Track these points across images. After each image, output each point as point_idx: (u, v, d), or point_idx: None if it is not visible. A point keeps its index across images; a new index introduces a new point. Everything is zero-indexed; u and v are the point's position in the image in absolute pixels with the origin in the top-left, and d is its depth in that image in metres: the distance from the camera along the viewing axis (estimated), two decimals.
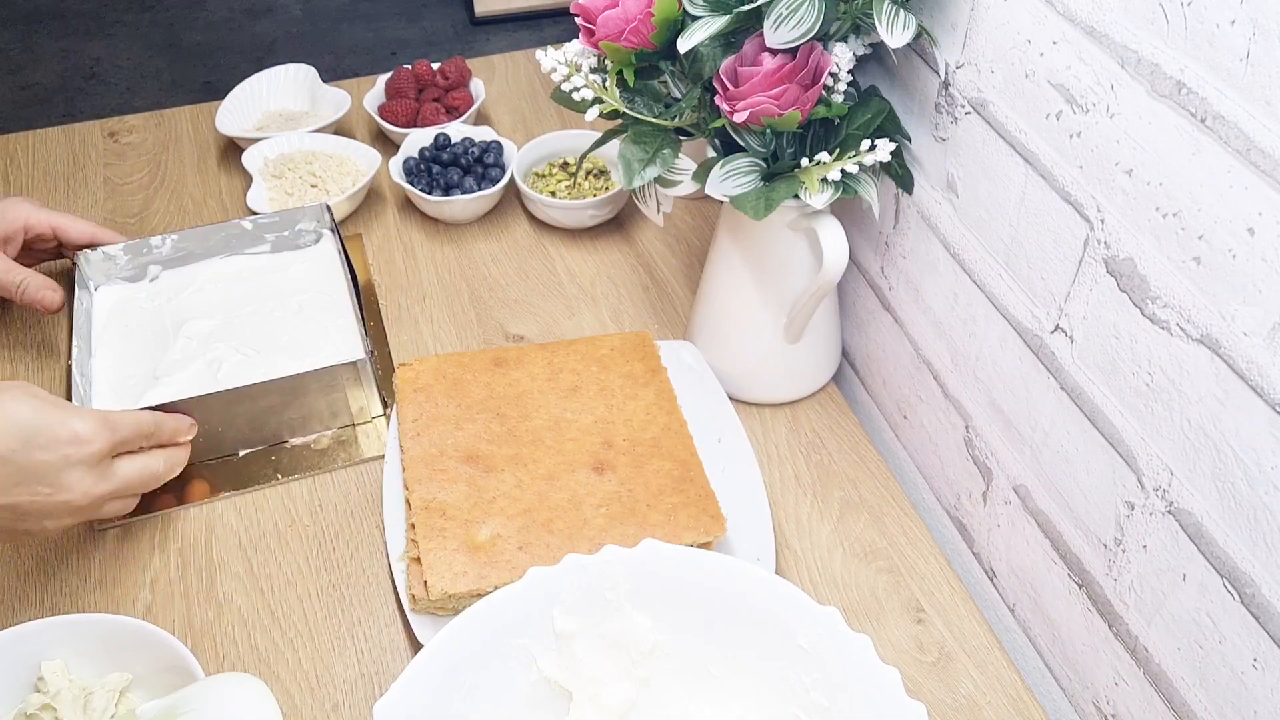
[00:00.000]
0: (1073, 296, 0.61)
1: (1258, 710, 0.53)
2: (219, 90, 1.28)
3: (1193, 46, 0.49)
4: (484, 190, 1.01)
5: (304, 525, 0.79)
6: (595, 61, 0.74)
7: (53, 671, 0.63)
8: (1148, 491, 0.58)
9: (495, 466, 0.74)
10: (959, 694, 0.70)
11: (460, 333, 0.94)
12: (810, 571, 0.76)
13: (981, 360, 0.72)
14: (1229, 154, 0.48)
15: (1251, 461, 0.50)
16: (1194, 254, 0.51)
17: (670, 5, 0.67)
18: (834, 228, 0.73)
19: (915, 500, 0.84)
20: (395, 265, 1.00)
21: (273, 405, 0.81)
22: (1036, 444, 0.68)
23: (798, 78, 0.66)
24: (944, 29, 0.68)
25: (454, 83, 1.14)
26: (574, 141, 1.06)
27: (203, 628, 0.72)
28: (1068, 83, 0.57)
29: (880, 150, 0.67)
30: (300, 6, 1.38)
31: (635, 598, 0.60)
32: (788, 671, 0.59)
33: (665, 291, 0.97)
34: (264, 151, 1.06)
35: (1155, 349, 0.55)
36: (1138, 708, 0.63)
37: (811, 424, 0.86)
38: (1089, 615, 0.66)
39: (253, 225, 0.94)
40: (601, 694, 0.62)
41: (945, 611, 0.74)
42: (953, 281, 0.73)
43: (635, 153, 0.72)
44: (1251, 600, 0.52)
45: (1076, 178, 0.58)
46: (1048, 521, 0.68)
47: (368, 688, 0.70)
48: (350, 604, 0.74)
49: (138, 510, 0.78)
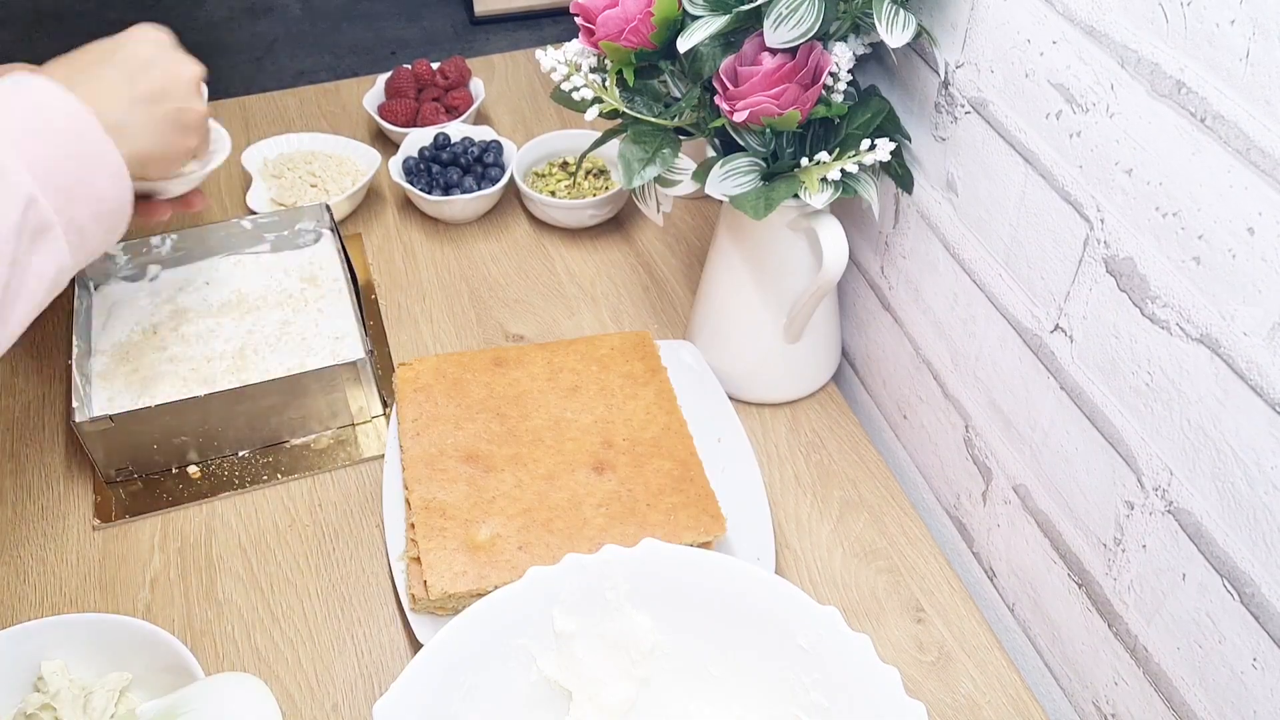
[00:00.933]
0: (1072, 296, 0.61)
1: (1257, 710, 0.53)
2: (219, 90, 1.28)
3: (1192, 46, 0.49)
4: (484, 190, 1.01)
5: (304, 525, 0.79)
6: (595, 61, 0.74)
7: (52, 671, 0.63)
8: (1147, 491, 0.58)
9: (495, 466, 0.74)
10: (959, 694, 0.70)
11: (460, 332, 0.94)
12: (810, 571, 0.76)
13: (981, 360, 0.72)
14: (1229, 154, 0.48)
15: (1251, 461, 0.50)
16: (1194, 254, 0.51)
17: (670, 5, 0.67)
18: (834, 227, 0.73)
19: (915, 500, 0.84)
20: (395, 265, 1.00)
21: (273, 405, 0.81)
22: (1036, 444, 0.68)
23: (797, 77, 0.66)
24: (944, 28, 0.68)
25: (454, 82, 1.14)
26: (574, 141, 1.06)
27: (202, 627, 0.72)
28: (1068, 82, 0.57)
29: (880, 150, 0.67)
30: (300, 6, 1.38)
31: (635, 598, 0.60)
32: (788, 671, 0.59)
33: (665, 291, 0.97)
34: (264, 151, 1.06)
35: (1155, 349, 0.55)
36: (1137, 707, 0.63)
37: (811, 424, 0.86)
38: (1089, 615, 0.66)
39: (252, 225, 0.94)
40: (601, 694, 0.62)
41: (945, 611, 0.74)
42: (952, 281, 0.73)
43: (635, 152, 0.72)
44: (1251, 600, 0.52)
45: (1076, 177, 0.58)
46: (1047, 521, 0.68)
47: (368, 688, 0.70)
48: (350, 604, 0.74)
49: (138, 511, 0.79)
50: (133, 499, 0.80)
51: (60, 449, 0.84)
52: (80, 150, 0.62)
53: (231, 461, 0.82)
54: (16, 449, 0.84)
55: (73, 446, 0.83)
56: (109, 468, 0.79)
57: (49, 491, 0.81)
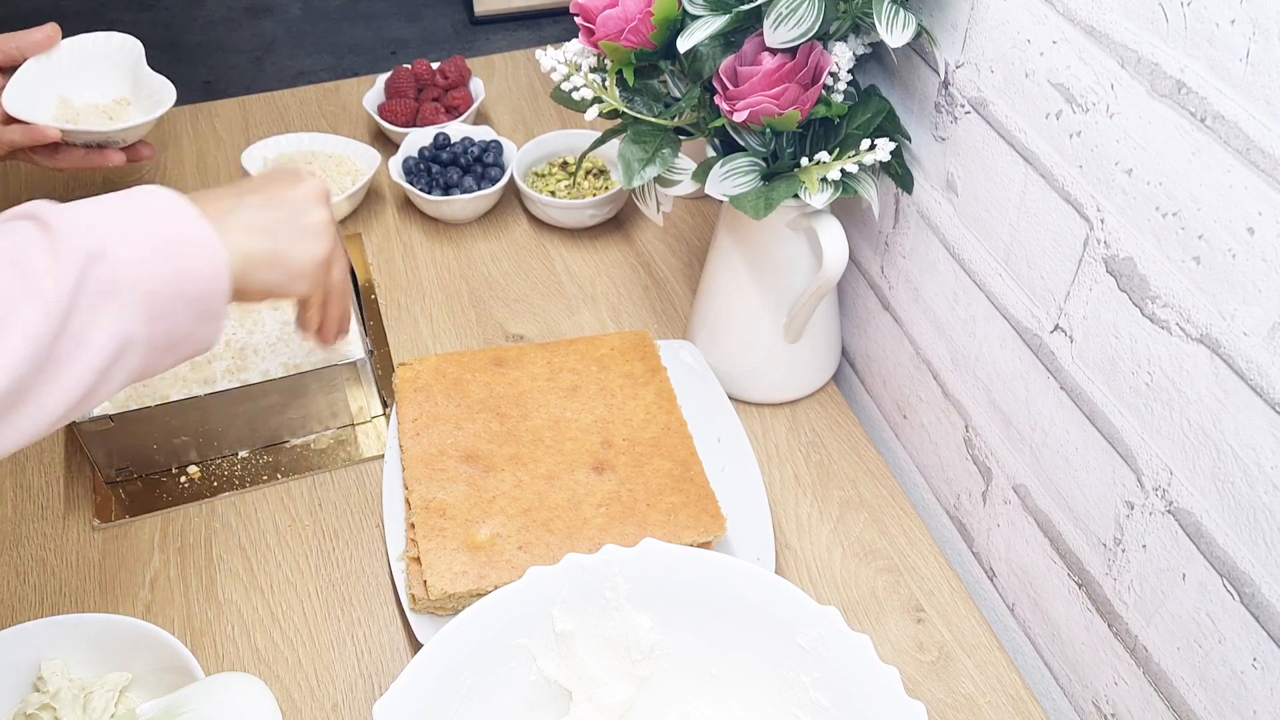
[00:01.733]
0: (1072, 296, 0.61)
1: (1257, 710, 0.53)
2: (219, 90, 1.27)
3: (1193, 46, 0.49)
4: (484, 190, 1.01)
5: (304, 525, 0.79)
6: (595, 61, 0.74)
7: (52, 671, 0.63)
8: (1147, 491, 0.58)
9: (495, 466, 0.74)
10: (959, 694, 0.70)
11: (460, 332, 0.94)
12: (810, 571, 0.76)
13: (981, 360, 0.72)
14: (1229, 153, 0.48)
15: (1251, 461, 0.50)
16: (1194, 253, 0.51)
17: (670, 5, 0.67)
18: (834, 227, 0.73)
19: (915, 500, 0.84)
20: (395, 265, 1.00)
21: (273, 405, 0.81)
22: (1036, 444, 0.68)
23: (797, 77, 0.66)
24: (944, 28, 0.68)
25: (454, 82, 1.14)
26: (574, 141, 1.06)
27: (202, 627, 0.72)
28: (1068, 82, 0.57)
29: (880, 150, 0.67)
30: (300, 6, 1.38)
31: (635, 597, 0.60)
32: (788, 671, 0.59)
33: (665, 291, 0.97)
34: (263, 151, 1.06)
35: (1155, 348, 0.55)
36: (1137, 707, 0.63)
37: (811, 424, 0.86)
38: (1089, 615, 0.66)
39: None
40: (601, 694, 0.62)
41: (945, 611, 0.74)
42: (953, 281, 0.73)
43: (635, 152, 0.72)
44: (1251, 600, 0.52)
45: (1076, 177, 0.58)
46: (1047, 521, 0.68)
47: (368, 688, 0.70)
48: (350, 604, 0.74)
49: (138, 511, 0.78)
50: (133, 499, 0.80)
51: (60, 449, 0.84)
52: (165, 216, 0.55)
53: (231, 461, 0.82)
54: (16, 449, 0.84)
55: (73, 446, 0.83)
56: (109, 468, 0.79)
57: (49, 491, 0.81)
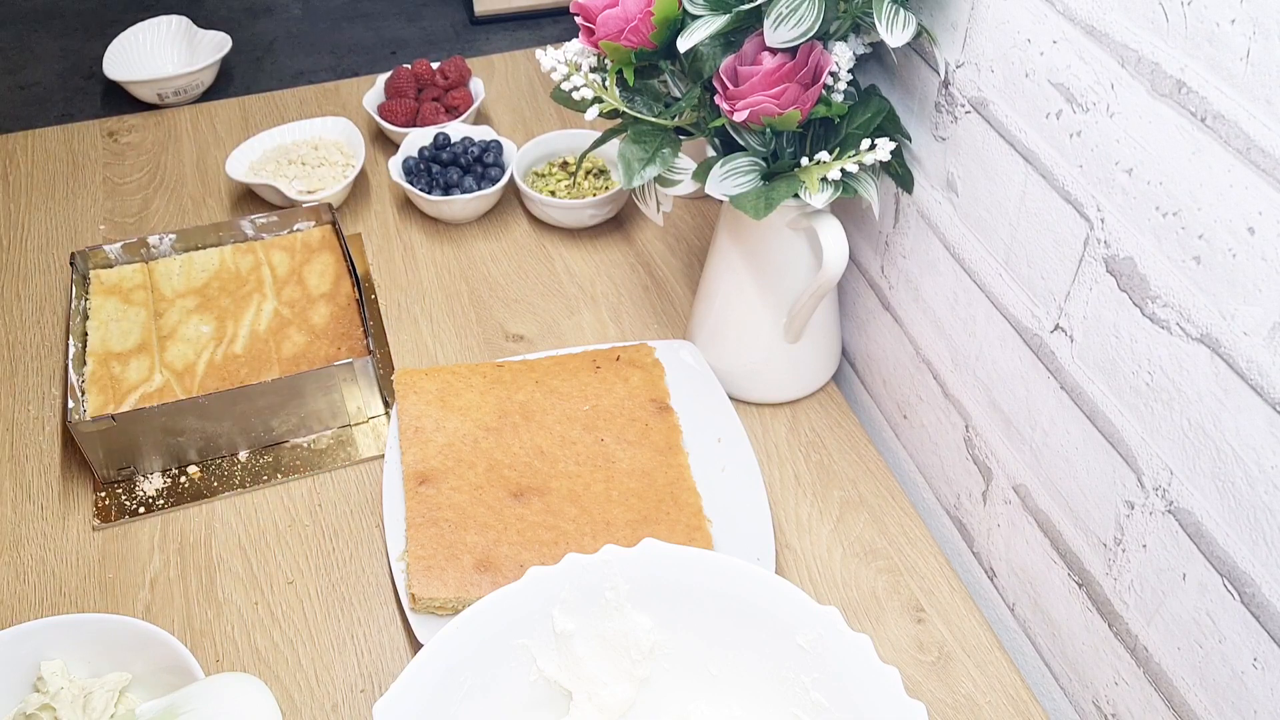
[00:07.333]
0: (1072, 296, 0.61)
1: (1258, 710, 0.53)
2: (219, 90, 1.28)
3: (1193, 46, 0.49)
4: (483, 190, 1.01)
5: (303, 525, 0.79)
6: (595, 61, 0.73)
7: (52, 671, 0.63)
8: (1147, 491, 0.58)
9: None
10: (959, 694, 0.70)
11: (460, 332, 0.94)
12: (810, 571, 0.76)
13: (981, 360, 0.72)
14: (1229, 153, 0.48)
15: (1251, 461, 0.50)
16: (1194, 253, 0.51)
17: (670, 4, 0.67)
18: (834, 227, 0.73)
19: (915, 500, 0.84)
20: (395, 265, 1.00)
21: (272, 405, 0.81)
22: (1036, 443, 0.68)
23: (798, 77, 0.66)
24: (944, 28, 0.68)
25: (453, 82, 1.14)
26: (574, 141, 1.06)
27: (202, 627, 0.72)
28: (1068, 82, 0.57)
29: (880, 150, 0.67)
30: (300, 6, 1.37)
31: (635, 597, 0.60)
32: (788, 671, 0.59)
33: (665, 291, 0.97)
34: (248, 155, 1.06)
35: (1155, 348, 0.55)
36: (1137, 707, 0.63)
37: (811, 424, 0.86)
38: (1089, 615, 0.66)
39: (252, 225, 0.94)
40: (601, 694, 0.62)
41: (945, 611, 0.74)
42: (953, 281, 0.73)
43: (635, 152, 0.72)
44: (1251, 600, 0.52)
45: (1076, 177, 0.58)
46: (1048, 521, 0.68)
47: (368, 688, 0.70)
48: (350, 604, 0.74)
49: (138, 511, 0.78)
50: (133, 499, 0.80)
51: (60, 449, 0.84)
52: None
53: (231, 461, 0.82)
54: (16, 449, 0.84)
55: (73, 446, 0.83)
56: (109, 468, 0.79)
57: (49, 491, 0.81)
